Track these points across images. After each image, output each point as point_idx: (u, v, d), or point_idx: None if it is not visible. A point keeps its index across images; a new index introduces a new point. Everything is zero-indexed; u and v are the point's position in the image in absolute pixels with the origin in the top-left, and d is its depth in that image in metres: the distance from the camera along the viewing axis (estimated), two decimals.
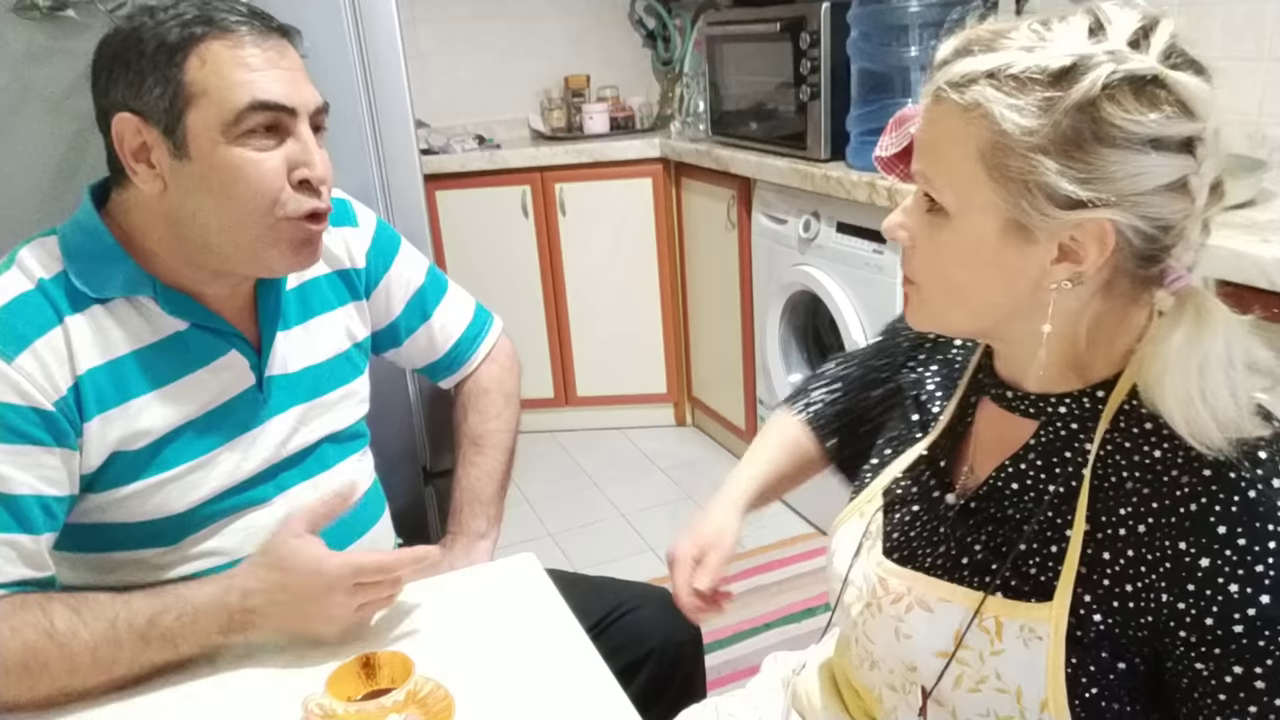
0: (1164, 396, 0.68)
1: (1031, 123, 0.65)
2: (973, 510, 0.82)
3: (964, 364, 0.92)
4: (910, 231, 0.76)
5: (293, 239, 0.98)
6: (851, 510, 0.93)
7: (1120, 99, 0.64)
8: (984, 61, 0.67)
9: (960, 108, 0.68)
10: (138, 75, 0.92)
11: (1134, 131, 0.64)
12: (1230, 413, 0.66)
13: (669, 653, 1.20)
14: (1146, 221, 0.67)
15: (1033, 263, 0.70)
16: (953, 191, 0.71)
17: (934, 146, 0.72)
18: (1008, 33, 0.69)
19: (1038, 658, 0.73)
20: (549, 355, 3.21)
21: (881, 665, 0.87)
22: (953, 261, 0.73)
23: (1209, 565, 0.66)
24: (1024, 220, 0.68)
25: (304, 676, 0.90)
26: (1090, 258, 0.68)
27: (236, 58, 0.92)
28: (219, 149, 0.93)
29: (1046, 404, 0.78)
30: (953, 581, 0.81)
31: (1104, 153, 0.65)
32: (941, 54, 0.72)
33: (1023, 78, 0.66)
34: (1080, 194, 0.65)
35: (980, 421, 0.86)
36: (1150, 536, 0.69)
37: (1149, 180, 0.65)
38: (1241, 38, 1.81)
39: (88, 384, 0.94)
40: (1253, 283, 1.28)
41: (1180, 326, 0.68)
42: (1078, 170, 0.65)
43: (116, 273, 0.97)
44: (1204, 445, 0.67)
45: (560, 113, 3.35)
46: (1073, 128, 0.64)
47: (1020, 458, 0.79)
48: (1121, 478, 0.72)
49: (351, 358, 1.19)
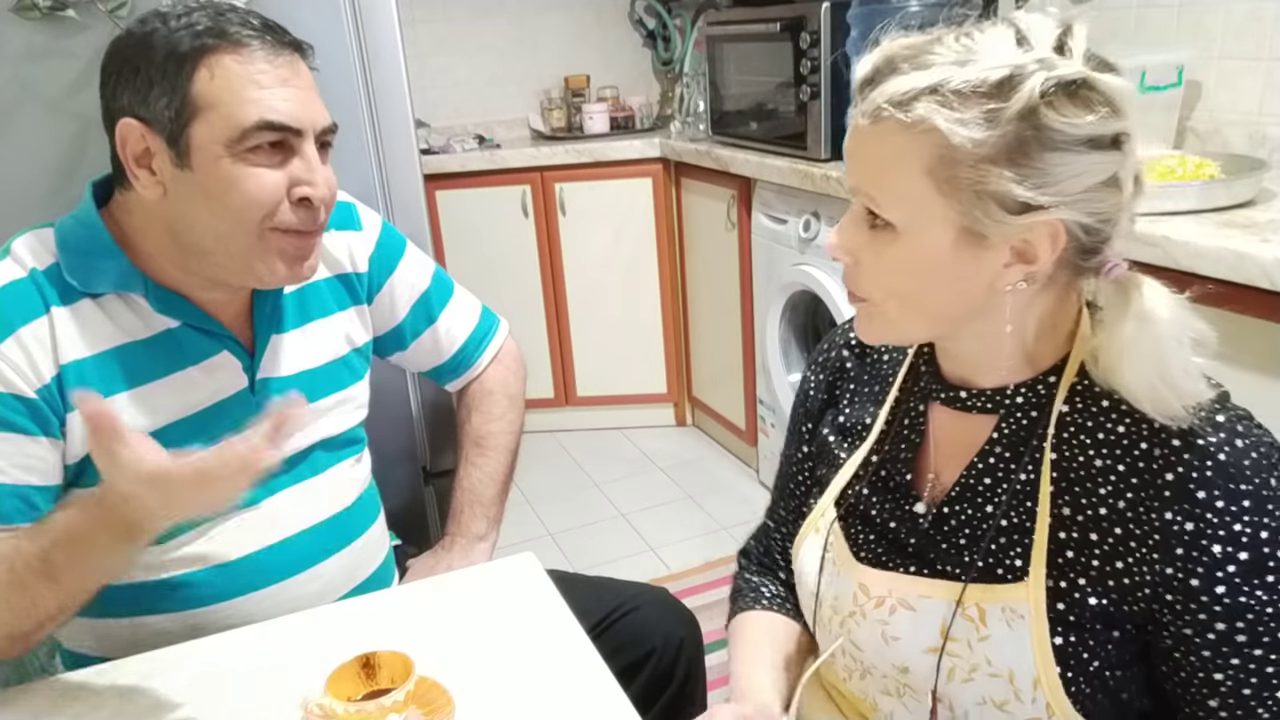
0: (1124, 379, 0.72)
1: (979, 134, 0.67)
2: (946, 515, 0.83)
3: (892, 367, 0.92)
4: (852, 251, 0.77)
5: (283, 251, 0.97)
6: (807, 527, 0.94)
7: (1057, 105, 0.67)
8: (921, 78, 0.68)
9: (903, 125, 0.69)
10: (145, 82, 0.92)
11: (1072, 134, 0.67)
12: (1187, 385, 0.70)
13: (669, 653, 1.20)
14: (1090, 217, 0.70)
15: (986, 268, 0.72)
16: (900, 208, 0.72)
17: (876, 165, 0.73)
18: (931, 47, 0.70)
19: (1023, 637, 0.75)
20: (549, 355, 3.21)
21: (873, 672, 0.87)
22: (905, 275, 0.74)
23: (1194, 529, 0.70)
24: (977, 228, 0.70)
25: (304, 677, 0.90)
26: (1043, 256, 0.71)
27: (246, 74, 0.92)
28: (222, 163, 0.92)
29: (1004, 397, 0.80)
30: (932, 577, 0.82)
31: (1048, 156, 0.68)
32: (863, 72, 0.73)
33: (965, 91, 0.67)
34: (1031, 198, 0.68)
35: (935, 427, 0.86)
36: (1134, 510, 0.72)
37: (1088, 178, 0.69)
38: (1241, 38, 1.81)
39: (71, 374, 0.94)
40: (1253, 283, 1.27)
41: (1129, 313, 0.71)
42: (1026, 175, 0.68)
43: (109, 269, 0.97)
44: (1168, 419, 0.70)
45: (560, 113, 3.35)
46: (1018, 136, 0.67)
47: (987, 453, 0.81)
48: (1089, 455, 0.75)
49: (350, 363, 1.18)
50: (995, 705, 0.77)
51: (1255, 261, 1.27)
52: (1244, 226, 1.40)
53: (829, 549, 0.90)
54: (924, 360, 0.87)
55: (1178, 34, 1.92)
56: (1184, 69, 1.80)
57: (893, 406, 0.89)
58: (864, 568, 0.87)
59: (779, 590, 1.05)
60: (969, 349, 0.81)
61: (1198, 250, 1.34)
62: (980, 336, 0.78)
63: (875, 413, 0.92)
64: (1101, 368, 0.74)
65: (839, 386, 0.97)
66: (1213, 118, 1.90)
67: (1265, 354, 1.29)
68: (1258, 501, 0.69)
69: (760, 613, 1.03)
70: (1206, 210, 1.49)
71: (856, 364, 0.96)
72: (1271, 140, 1.78)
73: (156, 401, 1.00)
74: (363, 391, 1.21)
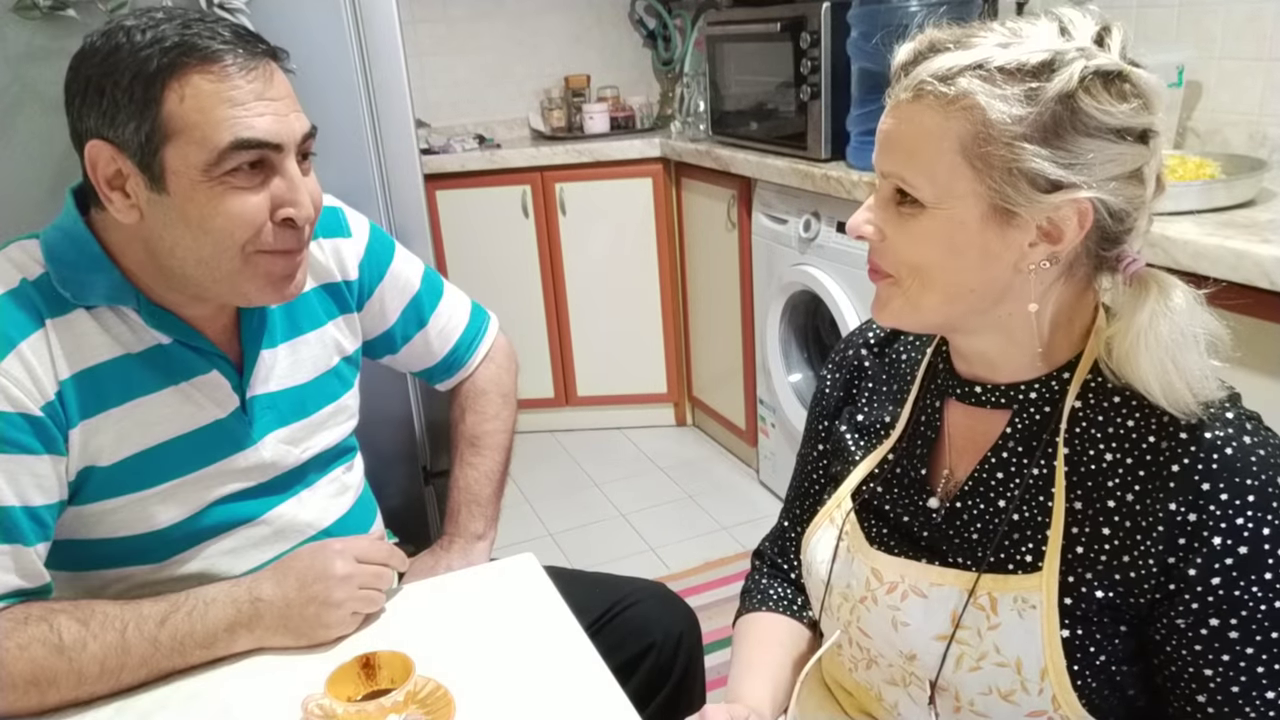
0: (1138, 369, 0.73)
1: (1019, 111, 0.69)
2: (959, 510, 0.83)
3: (910, 366, 0.93)
4: (878, 226, 0.78)
5: (270, 273, 0.94)
6: (822, 517, 0.94)
7: (1094, 91, 0.69)
8: (965, 56, 0.70)
9: (943, 101, 0.71)
10: (112, 105, 0.86)
11: (1106, 122, 0.69)
12: (1199, 377, 0.71)
13: (668, 647, 1.20)
14: (1117, 201, 0.71)
15: (1011, 245, 0.73)
16: (930, 185, 0.73)
17: (908, 143, 0.74)
18: (975, 31, 0.72)
19: (1033, 627, 0.76)
20: (549, 355, 3.21)
21: (880, 661, 0.87)
22: (930, 248, 0.75)
23: (1196, 520, 0.70)
24: (1007, 205, 0.71)
25: (304, 677, 0.90)
26: (1068, 236, 0.72)
27: (218, 92, 0.86)
28: (199, 188, 0.88)
29: (1017, 392, 0.80)
30: (945, 566, 0.83)
31: (1081, 141, 0.69)
32: (902, 57, 0.75)
33: (1008, 69, 0.69)
34: (1063, 176, 0.69)
35: (950, 423, 0.87)
36: (1140, 503, 0.73)
37: (1117, 166, 0.71)
38: (1242, 38, 1.81)
39: (70, 389, 0.92)
40: (1253, 282, 1.27)
41: (1146, 303, 0.73)
42: (1059, 155, 0.69)
43: (100, 281, 0.94)
44: (1180, 411, 0.72)
45: (560, 112, 3.35)
46: (1054, 116, 0.69)
47: (1000, 448, 0.81)
48: (1099, 450, 0.76)
49: (340, 372, 1.17)
50: (1001, 695, 0.78)
51: (1255, 261, 1.27)
52: (1244, 226, 1.40)
53: (844, 537, 0.90)
54: (941, 358, 0.87)
55: (1178, 34, 1.92)
56: (1184, 69, 1.80)
57: (923, 407, 0.90)
58: (878, 553, 0.87)
59: (787, 592, 1.05)
60: (985, 344, 0.81)
61: (1198, 250, 1.34)
62: (997, 326, 0.78)
63: (896, 412, 0.92)
64: (1115, 358, 0.75)
65: (856, 385, 0.98)
66: (1213, 118, 1.90)
67: (1265, 354, 1.29)
68: (1262, 498, 0.69)
69: (765, 614, 1.04)
70: (1206, 210, 1.49)
71: (875, 363, 0.97)
72: (1272, 140, 1.78)
73: (152, 415, 0.98)
74: (354, 399, 1.20)
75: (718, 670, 2.01)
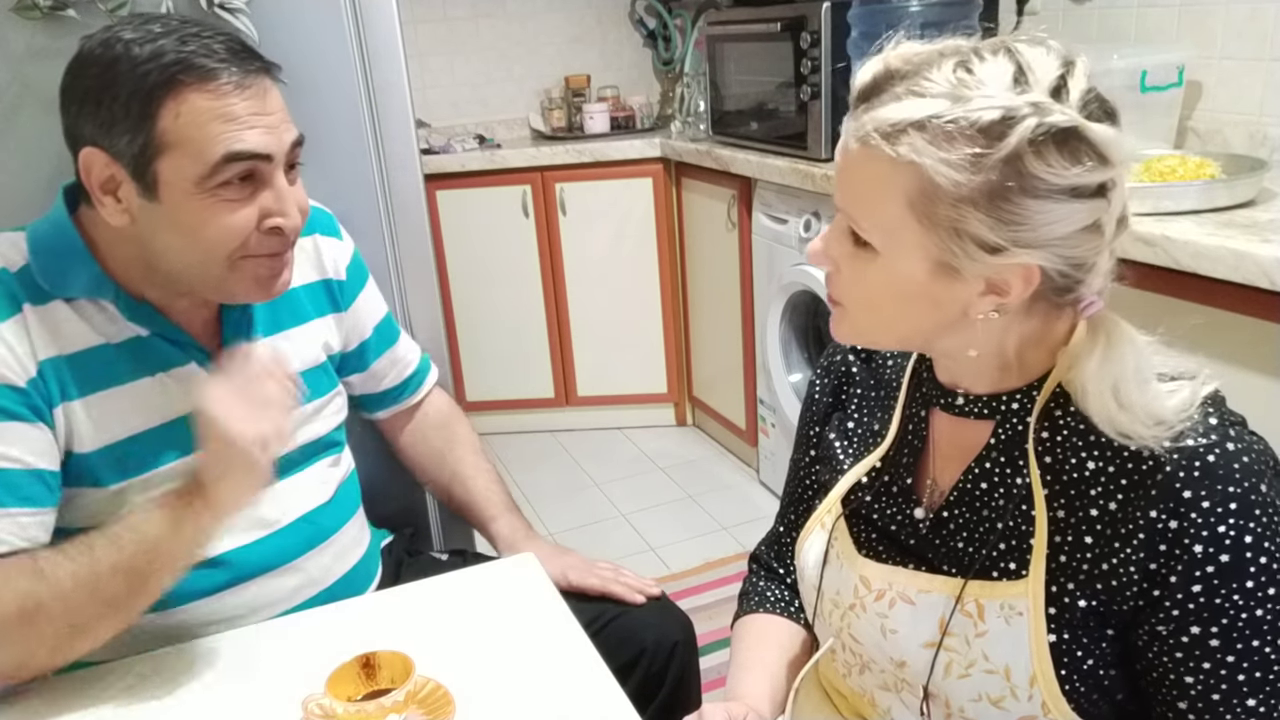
0: (1088, 408, 0.73)
1: (962, 177, 0.67)
2: (944, 519, 0.83)
3: (896, 373, 0.93)
4: (834, 259, 0.78)
5: (257, 275, 0.98)
6: (813, 523, 0.94)
7: (1044, 153, 0.66)
8: (913, 109, 0.68)
9: (890, 156, 0.69)
10: (109, 116, 0.89)
11: (1056, 184, 0.67)
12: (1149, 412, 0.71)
13: (661, 653, 1.20)
14: (1065, 261, 0.70)
15: (959, 296, 0.73)
16: (879, 233, 0.72)
17: (860, 188, 0.73)
18: (928, 71, 0.69)
19: (1020, 633, 0.76)
20: (549, 355, 3.21)
21: (872, 667, 0.87)
22: (880, 294, 0.75)
23: (1177, 527, 0.70)
24: (951, 262, 0.70)
25: (304, 677, 0.90)
26: (1015, 291, 0.71)
27: (214, 109, 0.89)
28: (191, 199, 0.91)
29: (999, 403, 0.80)
30: (932, 573, 0.83)
31: (1028, 203, 0.67)
32: (861, 81, 0.73)
33: (953, 131, 0.66)
34: (1005, 241, 0.68)
35: (935, 432, 0.87)
36: (1123, 511, 0.72)
37: (1067, 225, 0.69)
38: (1242, 38, 1.81)
39: (50, 370, 0.95)
40: (1253, 282, 1.27)
41: (1094, 352, 0.73)
42: (1003, 219, 0.68)
43: (80, 273, 0.97)
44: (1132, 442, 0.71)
45: (561, 112, 3.35)
46: (1000, 181, 0.67)
47: (984, 458, 0.81)
48: (1081, 459, 0.75)
49: (328, 369, 1.18)
50: (991, 701, 0.78)
51: (1255, 261, 1.27)
52: (1244, 226, 1.40)
53: (833, 544, 0.90)
54: (925, 367, 0.88)
55: (1178, 34, 1.92)
56: (1184, 69, 1.80)
57: (909, 416, 0.90)
58: (866, 560, 0.87)
59: (784, 594, 1.05)
60: (953, 362, 0.82)
61: (1198, 250, 1.34)
62: (959, 351, 0.78)
63: (885, 419, 0.92)
64: (1072, 392, 0.76)
65: (845, 391, 0.98)
66: (1213, 118, 1.90)
67: (1265, 354, 1.29)
68: (1244, 505, 0.69)
69: (763, 616, 1.04)
70: (1206, 210, 1.49)
71: (863, 369, 0.97)
72: (1272, 140, 1.78)
73: (131, 404, 0.99)
74: (341, 396, 1.21)
75: (718, 671, 2.01)
